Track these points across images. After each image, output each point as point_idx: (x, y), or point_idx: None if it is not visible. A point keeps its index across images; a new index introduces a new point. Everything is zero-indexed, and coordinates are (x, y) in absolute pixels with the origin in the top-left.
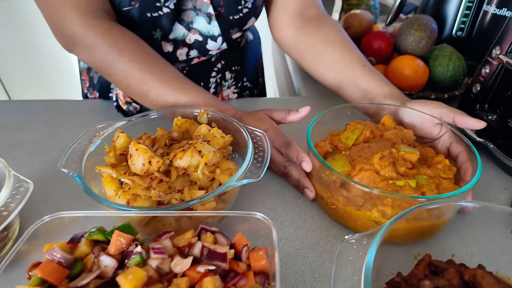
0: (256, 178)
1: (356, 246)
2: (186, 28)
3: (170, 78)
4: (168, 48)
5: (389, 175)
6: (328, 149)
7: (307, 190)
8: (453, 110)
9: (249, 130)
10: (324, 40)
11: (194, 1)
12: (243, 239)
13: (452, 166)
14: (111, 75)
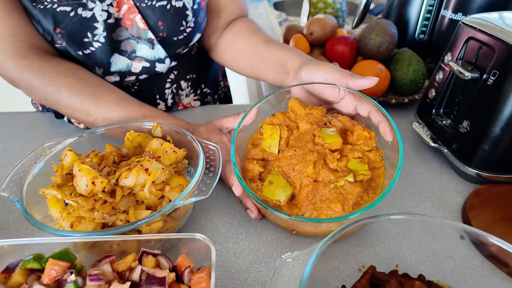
0: (204, 195)
1: (292, 266)
2: (129, 58)
3: (115, 103)
4: (113, 79)
5: (327, 179)
6: (259, 169)
7: (249, 211)
8: (345, 74)
9: (202, 144)
10: (235, 35)
11: (130, 29)
12: (186, 260)
13: (370, 133)
14: (57, 109)
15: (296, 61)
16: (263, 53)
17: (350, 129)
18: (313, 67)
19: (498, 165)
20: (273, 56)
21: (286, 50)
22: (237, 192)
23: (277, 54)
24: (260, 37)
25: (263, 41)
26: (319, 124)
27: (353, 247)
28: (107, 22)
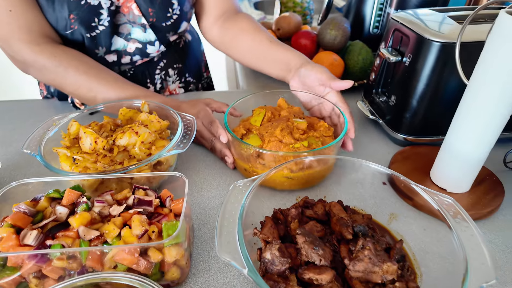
0: (183, 149)
1: (242, 190)
2: (125, 39)
3: (113, 81)
4: (112, 58)
5: (288, 142)
6: (243, 132)
7: (227, 157)
8: (330, 77)
9: (181, 115)
10: (240, 30)
11: (127, 15)
12: (168, 192)
13: (330, 127)
14: (62, 88)
15: (298, 61)
16: (268, 52)
17: (316, 123)
18: (309, 67)
19: (419, 130)
20: (278, 56)
21: (290, 52)
22: (224, 139)
23: (281, 54)
24: (263, 36)
25: (267, 41)
26: (295, 115)
27: None
28: (110, 9)
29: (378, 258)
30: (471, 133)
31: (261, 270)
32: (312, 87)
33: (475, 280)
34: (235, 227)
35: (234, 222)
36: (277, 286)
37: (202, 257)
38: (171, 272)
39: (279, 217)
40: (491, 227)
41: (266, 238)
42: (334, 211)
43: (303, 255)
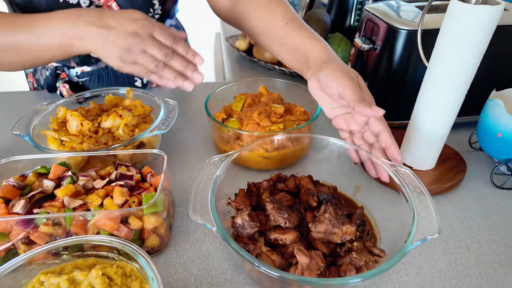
0: (164, 130)
1: (218, 164)
2: None
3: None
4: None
5: (266, 125)
6: (223, 116)
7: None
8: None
9: (164, 100)
10: (251, 3)
11: None
12: (149, 169)
13: (306, 111)
14: None
15: (319, 57)
16: (285, 38)
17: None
18: (331, 73)
19: (390, 114)
20: (295, 44)
21: (310, 40)
22: (201, 60)
23: (300, 43)
24: (280, 12)
25: (283, 22)
26: (274, 101)
27: None
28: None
29: (337, 221)
30: (432, 112)
31: (233, 235)
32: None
33: (420, 234)
34: (208, 193)
35: (207, 190)
36: (246, 248)
37: (182, 229)
38: (151, 239)
39: (252, 190)
40: (453, 200)
41: (238, 206)
42: (303, 183)
43: (271, 220)
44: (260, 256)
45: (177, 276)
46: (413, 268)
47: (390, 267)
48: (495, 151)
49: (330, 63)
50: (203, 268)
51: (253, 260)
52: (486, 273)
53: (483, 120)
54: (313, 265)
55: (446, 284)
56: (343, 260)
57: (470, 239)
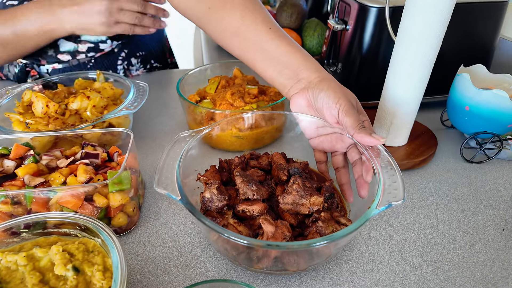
0: (132, 110)
1: (187, 139)
2: (74, 42)
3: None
4: (66, 57)
5: (239, 105)
6: (197, 98)
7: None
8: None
9: (134, 82)
10: (221, 1)
11: None
12: (116, 148)
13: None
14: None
15: (314, 75)
16: (266, 45)
17: (267, 89)
18: (333, 95)
19: (364, 95)
20: (281, 54)
21: (299, 53)
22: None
23: (286, 53)
24: (258, 17)
25: (265, 27)
26: (248, 83)
27: None
28: None
29: (305, 192)
30: (401, 86)
31: (201, 209)
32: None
33: (385, 200)
34: (175, 166)
35: (174, 162)
36: (215, 221)
37: (152, 209)
38: (118, 218)
39: (224, 166)
40: (424, 175)
41: (207, 181)
42: (275, 159)
43: (240, 194)
44: (227, 227)
45: (145, 254)
46: (384, 239)
47: (353, 230)
48: (464, 125)
49: (329, 82)
50: (172, 245)
51: (215, 227)
52: (453, 241)
53: (452, 95)
54: (279, 234)
55: (414, 251)
56: (309, 230)
57: (440, 210)
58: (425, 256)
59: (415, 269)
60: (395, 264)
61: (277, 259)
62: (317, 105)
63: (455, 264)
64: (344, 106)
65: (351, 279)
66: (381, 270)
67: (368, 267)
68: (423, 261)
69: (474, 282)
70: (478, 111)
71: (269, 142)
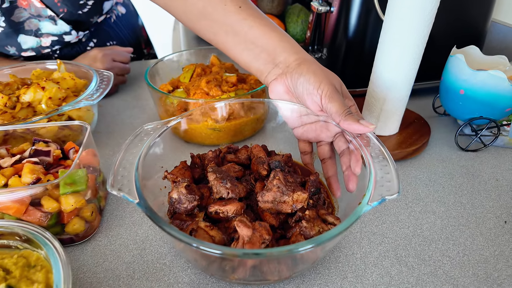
0: (93, 101)
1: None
2: (36, 36)
3: None
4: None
5: (216, 94)
6: (169, 88)
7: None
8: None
9: (98, 72)
10: None
11: (28, 9)
12: (72, 144)
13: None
14: None
15: (292, 57)
16: (238, 26)
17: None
18: (314, 79)
19: (350, 81)
20: (255, 35)
21: (275, 34)
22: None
23: (261, 34)
24: None
25: (234, 6)
26: (226, 70)
27: None
28: (2, 7)
29: (287, 187)
30: (391, 70)
31: (169, 212)
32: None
33: (378, 194)
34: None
35: (134, 159)
36: (183, 225)
37: (116, 212)
38: (73, 224)
39: (196, 162)
40: (417, 165)
41: (174, 179)
42: (254, 152)
43: (214, 192)
44: (196, 233)
45: (106, 264)
46: (376, 237)
47: (342, 230)
48: (458, 111)
49: (309, 64)
50: (137, 254)
51: (177, 234)
52: (452, 237)
53: (445, 79)
54: (256, 238)
55: (411, 250)
56: (292, 231)
57: (436, 203)
58: (422, 255)
59: (412, 271)
60: (390, 265)
61: (255, 268)
62: (297, 92)
63: (455, 263)
64: (327, 90)
65: (341, 285)
66: (375, 273)
67: (360, 270)
68: (420, 261)
69: (478, 283)
70: (474, 94)
71: (250, 134)
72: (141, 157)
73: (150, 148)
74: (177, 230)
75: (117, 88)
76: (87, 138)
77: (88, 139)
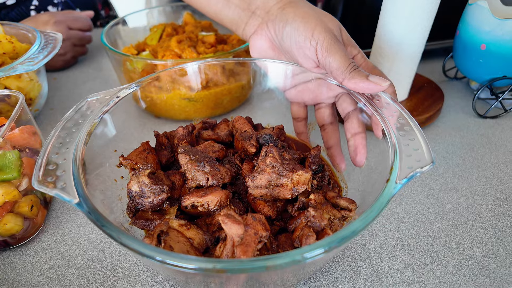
0: (32, 67)
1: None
2: None
3: None
4: None
5: (189, 56)
6: (133, 52)
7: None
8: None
9: (44, 33)
10: None
11: None
12: (4, 120)
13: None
14: None
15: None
16: None
17: (228, 36)
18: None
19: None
20: None
21: None
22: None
23: None
24: None
25: None
26: (203, 29)
27: None
28: None
29: (285, 167)
30: (400, 24)
31: (129, 209)
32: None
33: (406, 168)
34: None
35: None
36: (149, 225)
37: (68, 205)
38: (4, 223)
39: (163, 142)
40: (432, 135)
41: (133, 165)
42: (237, 126)
43: (189, 180)
44: (167, 236)
45: (52, 272)
46: (392, 223)
47: (371, 219)
48: (477, 70)
49: (296, 7)
50: (93, 256)
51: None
52: (481, 218)
53: (462, 32)
54: (250, 237)
55: (434, 237)
56: (296, 222)
57: (458, 179)
58: (448, 242)
59: (438, 262)
60: (411, 257)
61: (252, 280)
62: (284, 46)
63: (489, 251)
64: (322, 40)
65: (354, 284)
66: (394, 268)
67: (375, 265)
68: (447, 250)
69: None
70: (498, 49)
71: (235, 106)
72: (81, 140)
73: (98, 126)
74: (132, 239)
75: (76, 60)
76: (17, 110)
77: (20, 111)
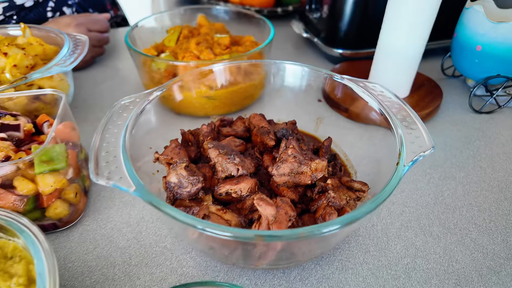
0: (66, 68)
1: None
2: None
3: None
4: None
5: (207, 57)
6: (153, 53)
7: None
8: None
9: (71, 36)
10: None
11: None
12: (46, 117)
13: (257, 42)
14: None
15: None
16: None
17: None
18: None
19: (354, 42)
20: None
21: None
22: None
23: None
24: None
25: None
26: (217, 32)
27: None
28: None
29: (304, 157)
30: (403, 26)
31: (168, 199)
32: None
33: (410, 153)
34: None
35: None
36: (190, 211)
37: (103, 193)
38: (54, 208)
39: (189, 139)
40: (431, 129)
41: (170, 160)
42: (254, 122)
43: (219, 171)
44: (209, 219)
45: (97, 251)
46: (396, 207)
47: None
48: (473, 69)
49: None
50: (133, 237)
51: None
52: (476, 203)
53: (460, 34)
54: (282, 216)
55: (434, 219)
56: (318, 203)
57: (455, 168)
58: (447, 223)
59: (438, 241)
60: (414, 236)
61: (283, 251)
62: None
63: (483, 230)
64: None
65: (364, 259)
66: (399, 246)
67: (382, 243)
68: (446, 230)
69: (508, 250)
70: (492, 50)
71: (250, 102)
72: (126, 136)
73: (134, 126)
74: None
75: (94, 60)
76: (62, 108)
77: (64, 109)
